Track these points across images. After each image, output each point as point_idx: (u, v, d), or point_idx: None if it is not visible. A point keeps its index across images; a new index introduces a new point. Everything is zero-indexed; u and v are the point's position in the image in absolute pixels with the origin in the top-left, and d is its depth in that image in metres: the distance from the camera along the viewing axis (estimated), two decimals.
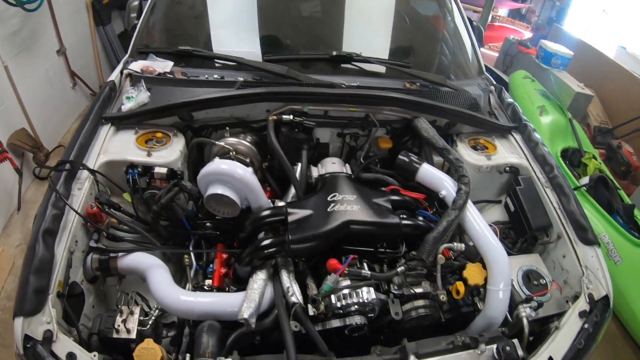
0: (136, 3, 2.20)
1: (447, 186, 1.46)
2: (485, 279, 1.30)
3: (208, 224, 1.46)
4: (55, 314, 1.04)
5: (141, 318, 1.19)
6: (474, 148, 1.79)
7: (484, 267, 1.32)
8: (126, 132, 1.59)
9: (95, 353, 1.03)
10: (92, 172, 1.40)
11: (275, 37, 2.14)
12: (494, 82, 2.21)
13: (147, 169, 1.46)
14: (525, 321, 1.24)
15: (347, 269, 1.20)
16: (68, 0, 3.46)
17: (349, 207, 1.30)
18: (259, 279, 1.19)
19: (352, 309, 1.17)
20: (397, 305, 1.24)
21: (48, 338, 1.00)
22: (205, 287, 1.29)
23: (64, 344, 1.01)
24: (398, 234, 1.33)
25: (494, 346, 1.11)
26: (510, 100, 2.05)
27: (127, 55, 1.96)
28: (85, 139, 1.49)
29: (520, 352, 1.11)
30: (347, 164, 1.63)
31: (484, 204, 1.82)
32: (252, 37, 2.08)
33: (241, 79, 1.68)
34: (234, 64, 1.77)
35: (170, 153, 1.51)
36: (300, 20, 2.34)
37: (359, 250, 1.32)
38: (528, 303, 1.28)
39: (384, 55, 2.11)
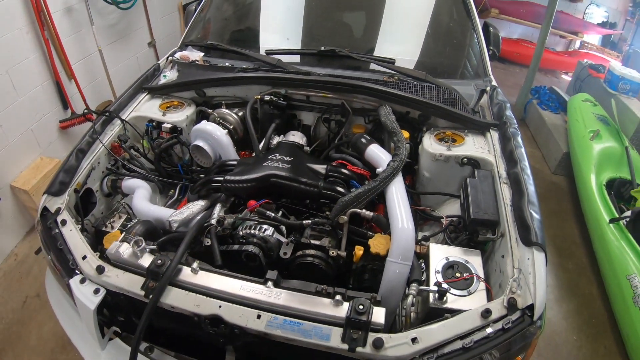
0: (193, 8, 2.91)
1: (384, 164, 1.71)
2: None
3: (197, 173, 1.98)
4: (67, 200, 1.62)
5: (125, 222, 1.76)
6: (441, 140, 1.91)
7: None
8: (156, 100, 2.21)
9: (80, 225, 1.57)
10: (122, 120, 2.02)
11: (311, 42, 2.58)
12: (493, 84, 2.31)
13: (160, 124, 2.04)
14: (410, 298, 1.32)
15: (257, 208, 1.56)
16: (162, 3, 4.45)
17: (279, 164, 1.68)
18: (198, 204, 1.66)
19: (252, 240, 1.49)
20: (289, 248, 1.49)
21: (57, 211, 1.57)
22: None
23: (64, 216, 1.56)
24: (316, 194, 1.62)
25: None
26: (500, 99, 2.12)
27: (177, 47, 2.65)
28: (125, 100, 2.15)
29: (379, 319, 1.18)
30: (304, 138, 2.02)
31: (447, 198, 1.95)
32: (294, 41, 2.60)
33: (244, 66, 2.21)
34: (244, 55, 2.32)
35: (179, 115, 2.08)
36: (341, 26, 2.77)
37: (293, 206, 1.68)
38: (434, 287, 1.30)
39: (414, 58, 2.43)
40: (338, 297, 1.24)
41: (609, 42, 6.81)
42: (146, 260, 1.36)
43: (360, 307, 1.18)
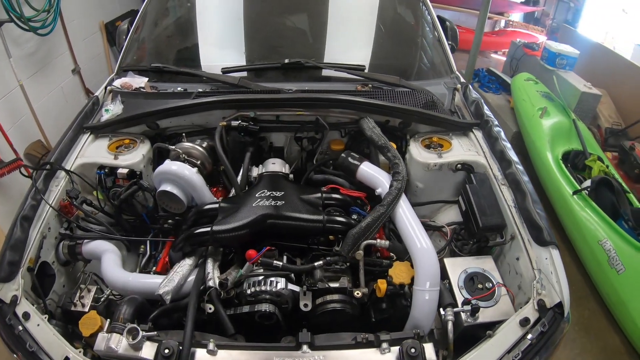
0: (125, 27, 2.56)
1: (383, 184, 1.56)
2: (413, 279, 1.31)
3: (165, 219, 1.70)
4: (23, 283, 1.29)
5: (97, 296, 1.46)
6: (428, 147, 1.80)
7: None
8: (102, 140, 1.87)
9: (46, 315, 1.26)
10: (67, 172, 1.67)
11: (261, 51, 2.40)
12: (462, 80, 2.26)
13: (113, 170, 1.72)
14: (450, 325, 1.22)
15: (260, 259, 1.32)
16: (82, 23, 3.96)
17: (273, 202, 1.46)
18: (185, 264, 1.39)
19: (263, 297, 1.29)
20: (308, 297, 1.31)
21: (13, 301, 1.25)
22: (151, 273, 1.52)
23: (25, 307, 1.25)
24: (320, 229, 1.43)
25: (398, 347, 1.12)
26: (475, 96, 2.06)
27: (113, 74, 2.30)
28: (66, 145, 1.79)
29: (432, 356, 1.11)
30: (287, 165, 1.79)
31: (441, 205, 1.85)
32: (239, 53, 2.36)
33: (200, 89, 1.93)
34: (198, 77, 2.04)
35: (134, 156, 1.76)
36: (285, 32, 2.56)
37: (292, 244, 1.46)
38: (466, 305, 1.25)
39: (366, 62, 2.25)
40: (385, 345, 1.11)
41: (532, 19, 7.18)
42: (148, 351, 1.11)
43: (412, 350, 1.08)
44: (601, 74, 4.20)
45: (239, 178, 1.71)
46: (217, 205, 1.53)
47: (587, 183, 3.07)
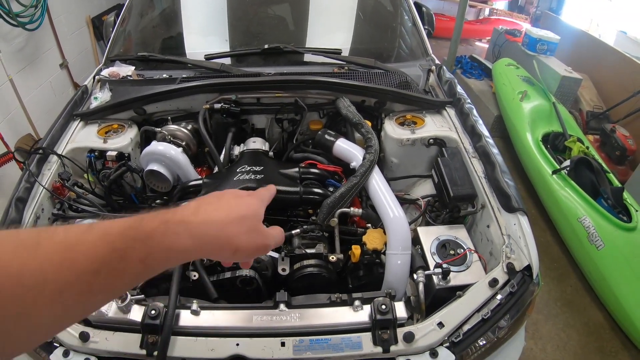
0: (111, 19, 2.66)
1: (357, 157, 1.67)
2: (386, 245, 1.40)
3: (153, 199, 1.81)
4: None
5: None
6: (402, 124, 1.93)
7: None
8: (92, 126, 1.97)
9: None
10: (58, 156, 1.78)
11: (244, 39, 2.50)
12: (436, 62, 2.38)
13: (103, 153, 1.83)
14: (421, 286, 1.31)
15: None
16: (69, 18, 4.05)
17: (252, 176, 1.57)
18: None
19: None
20: (285, 263, 1.41)
21: None
22: None
23: None
24: (297, 200, 1.54)
25: (370, 305, 1.19)
26: (448, 76, 2.16)
27: (101, 64, 2.41)
28: (57, 131, 1.90)
29: (403, 314, 1.19)
30: (267, 143, 1.91)
31: (416, 180, 1.97)
32: (223, 41, 2.47)
33: (184, 75, 2.05)
34: (182, 63, 2.15)
35: (122, 140, 1.87)
36: (268, 20, 2.68)
37: (272, 217, 1.55)
38: (437, 269, 1.32)
39: (347, 46, 2.39)
40: (357, 302, 1.21)
41: (517, 6, 7.33)
42: (136, 314, 1.19)
43: (383, 307, 1.16)
44: (583, 60, 4.33)
45: (222, 156, 1.83)
46: (200, 182, 1.65)
47: (567, 163, 3.21)
